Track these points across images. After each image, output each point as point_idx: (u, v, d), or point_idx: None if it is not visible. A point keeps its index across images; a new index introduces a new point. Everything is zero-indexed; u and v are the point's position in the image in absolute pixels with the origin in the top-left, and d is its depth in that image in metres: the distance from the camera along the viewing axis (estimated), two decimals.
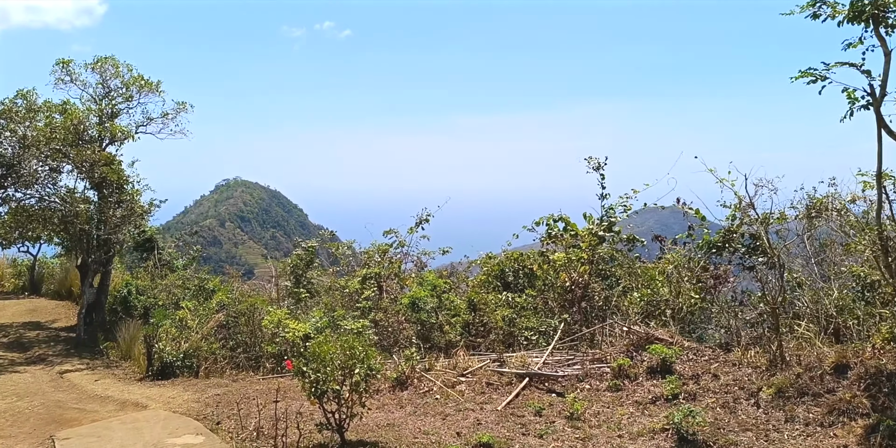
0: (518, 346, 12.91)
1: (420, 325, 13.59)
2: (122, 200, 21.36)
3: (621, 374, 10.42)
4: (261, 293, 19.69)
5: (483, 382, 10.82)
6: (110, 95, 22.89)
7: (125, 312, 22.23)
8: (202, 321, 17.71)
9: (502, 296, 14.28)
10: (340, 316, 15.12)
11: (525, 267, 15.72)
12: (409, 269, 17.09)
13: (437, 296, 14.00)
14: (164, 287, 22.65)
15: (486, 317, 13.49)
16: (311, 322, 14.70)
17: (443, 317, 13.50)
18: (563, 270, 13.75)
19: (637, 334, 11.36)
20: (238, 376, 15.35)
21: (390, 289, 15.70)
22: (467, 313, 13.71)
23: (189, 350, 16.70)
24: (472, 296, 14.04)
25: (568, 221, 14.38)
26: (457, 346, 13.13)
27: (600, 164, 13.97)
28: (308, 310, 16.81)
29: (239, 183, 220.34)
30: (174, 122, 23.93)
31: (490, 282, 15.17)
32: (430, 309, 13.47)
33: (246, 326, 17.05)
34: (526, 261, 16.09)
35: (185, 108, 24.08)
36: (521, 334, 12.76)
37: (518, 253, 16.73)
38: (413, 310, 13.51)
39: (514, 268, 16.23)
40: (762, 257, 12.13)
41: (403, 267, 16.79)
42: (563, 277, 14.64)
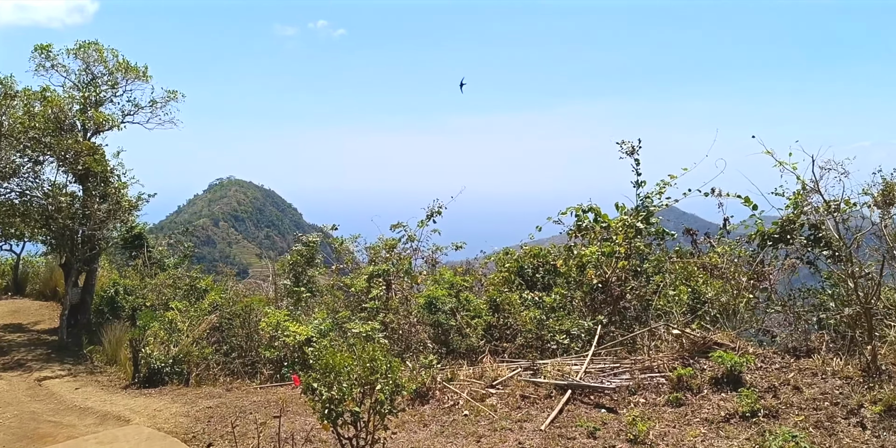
0: (548, 351, 11.34)
1: (436, 328, 12.01)
2: (107, 194, 19.72)
3: (681, 386, 8.83)
4: (257, 293, 18.09)
5: (517, 395, 9.22)
6: (94, 82, 21.28)
7: (112, 313, 20.70)
8: (193, 323, 16.10)
9: (527, 295, 12.71)
10: (346, 318, 13.54)
11: (547, 263, 14.17)
12: (418, 266, 15.51)
13: (455, 295, 12.42)
14: (154, 287, 21.02)
15: (512, 318, 11.91)
16: (314, 324, 13.11)
17: (462, 318, 11.92)
18: (594, 266, 12.21)
19: (690, 338, 9.79)
20: (233, 384, 13.74)
21: (400, 287, 14.11)
22: (489, 314, 12.13)
23: (179, 355, 15.11)
24: (493, 295, 12.47)
25: (599, 212, 12.82)
26: (478, 352, 11.55)
27: (634, 149, 12.44)
28: (309, 311, 15.21)
29: (233, 182, 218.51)
30: (163, 111, 22.38)
31: (512, 279, 13.59)
32: (448, 310, 11.89)
33: (241, 329, 15.43)
34: (547, 256, 14.53)
35: (175, 97, 22.54)
36: (553, 338, 11.18)
37: (538, 248, 15.17)
38: (429, 311, 11.91)
39: (533, 264, 14.66)
40: (826, 250, 10.63)
41: (413, 263, 15.19)
42: (589, 274, 13.10)
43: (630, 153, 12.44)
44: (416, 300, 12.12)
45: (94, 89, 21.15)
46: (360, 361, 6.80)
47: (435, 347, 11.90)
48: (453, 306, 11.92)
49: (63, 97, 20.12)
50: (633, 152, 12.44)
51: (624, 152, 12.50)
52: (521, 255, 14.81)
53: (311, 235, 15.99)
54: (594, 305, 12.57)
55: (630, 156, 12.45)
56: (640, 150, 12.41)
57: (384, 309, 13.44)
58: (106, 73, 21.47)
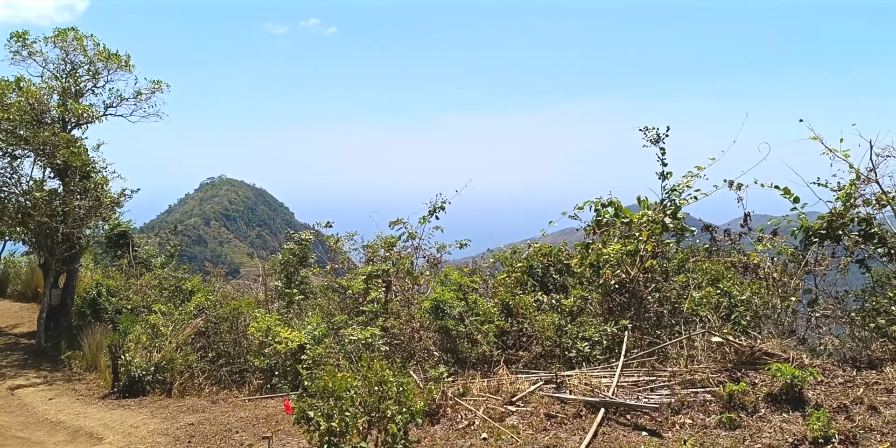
0: (566, 360, 10.10)
1: (443, 335, 10.72)
2: (87, 189, 18.34)
3: (733, 404, 7.57)
4: (246, 294, 16.77)
5: (541, 414, 7.94)
6: (74, 72, 19.91)
7: (94, 316, 19.35)
8: (178, 327, 14.80)
9: (543, 298, 11.43)
10: (342, 322, 12.24)
11: (559, 262, 12.92)
12: (419, 266, 14.23)
13: (464, 298, 11.15)
14: (138, 288, 19.67)
15: (527, 324, 10.64)
16: (307, 330, 11.82)
17: (471, 324, 10.65)
18: (615, 265, 10.97)
19: (735, 347, 8.56)
20: (218, 395, 12.43)
21: (402, 289, 12.83)
22: (501, 319, 10.86)
23: (161, 362, 13.82)
24: (504, 298, 11.19)
25: (620, 206, 11.56)
26: (490, 361, 10.29)
27: (659, 136, 11.19)
28: (302, 314, 13.91)
29: (224, 181, 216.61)
30: (148, 103, 21.02)
31: (524, 280, 12.31)
32: (456, 314, 10.60)
33: (228, 334, 14.12)
34: (559, 255, 13.29)
35: (160, 88, 21.21)
36: (573, 346, 9.92)
37: (547, 246, 13.92)
38: (436, 315, 10.62)
39: (543, 264, 13.41)
40: (881, 247, 9.42)
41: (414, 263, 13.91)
42: (606, 274, 11.86)
43: (655, 141, 11.20)
44: (421, 304, 10.81)
45: (74, 79, 19.81)
46: (367, 383, 5.52)
47: (441, 356, 10.63)
48: (462, 310, 10.64)
49: (40, 87, 18.76)
50: (658, 140, 11.19)
51: (648, 140, 11.25)
52: (530, 253, 13.56)
53: (304, 233, 14.68)
54: (612, 309, 11.34)
55: (655, 144, 11.21)
56: (666, 137, 11.17)
57: (384, 313, 12.16)
58: (86, 63, 20.10)
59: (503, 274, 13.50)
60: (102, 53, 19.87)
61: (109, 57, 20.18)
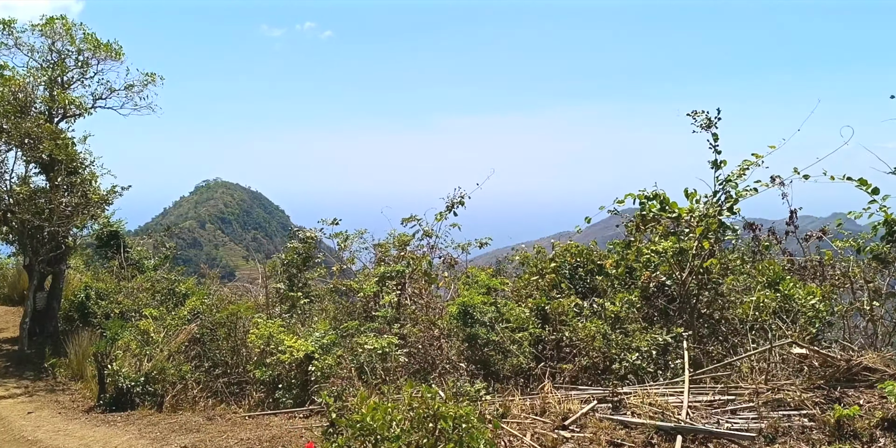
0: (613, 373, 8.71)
1: (470, 344, 9.28)
2: (73, 184, 16.87)
3: (842, 432, 6.18)
4: (245, 298, 15.32)
5: (603, 441, 6.54)
6: (62, 62, 18.49)
7: (82, 321, 17.93)
8: (170, 334, 13.35)
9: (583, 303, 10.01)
10: (353, 329, 10.82)
11: (591, 262, 11.53)
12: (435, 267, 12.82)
13: (494, 302, 9.73)
14: (129, 291, 18.21)
15: (568, 332, 9.21)
16: (314, 337, 10.41)
17: (503, 331, 9.23)
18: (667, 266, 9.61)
19: (823, 360, 7.19)
20: (215, 411, 10.96)
21: (419, 292, 11.43)
22: (536, 326, 9.45)
23: (152, 372, 12.39)
24: (539, 302, 9.76)
25: (667, 199, 10.18)
26: (527, 375, 8.89)
27: (711, 121, 9.84)
28: (307, 319, 12.47)
29: (219, 184, 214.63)
30: (140, 96, 19.62)
31: (558, 282, 10.87)
32: (487, 320, 9.16)
33: (226, 342, 12.67)
34: (591, 255, 11.89)
35: (153, 80, 19.78)
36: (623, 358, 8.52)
37: (574, 244, 12.54)
38: (464, 321, 9.18)
39: (572, 264, 12.02)
40: None
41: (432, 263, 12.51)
42: (645, 276, 10.51)
43: (706, 126, 9.85)
44: (446, 309, 9.35)
45: (61, 69, 18.39)
46: (415, 417, 4.11)
47: (468, 368, 9.22)
48: (493, 316, 9.21)
49: (24, 76, 17.34)
50: (709, 125, 9.84)
51: (698, 126, 9.91)
52: (557, 252, 12.16)
53: (309, 230, 13.26)
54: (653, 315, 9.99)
55: (706, 130, 9.86)
56: (718, 121, 9.82)
57: (400, 318, 10.75)
58: (74, 52, 18.69)
59: (527, 276, 12.09)
60: (92, 42, 18.46)
61: (99, 46, 18.79)
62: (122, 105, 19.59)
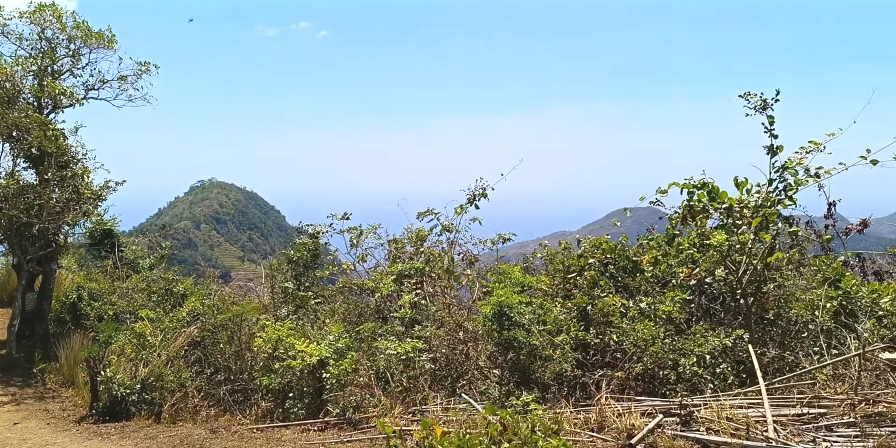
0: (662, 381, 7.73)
1: (505, 349, 8.26)
2: (64, 178, 15.83)
3: None
4: (248, 298, 14.29)
5: None
6: (52, 51, 17.48)
7: (74, 323, 16.89)
8: (168, 337, 12.33)
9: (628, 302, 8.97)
10: (368, 331, 9.82)
11: (626, 259, 10.54)
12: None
13: (530, 302, 8.71)
14: (124, 291, 17.17)
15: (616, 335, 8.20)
16: (327, 341, 9.42)
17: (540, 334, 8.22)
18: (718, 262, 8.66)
19: None
20: (218, 422, 9.95)
21: (443, 291, 10.43)
22: (578, 328, 8.45)
23: (149, 378, 11.38)
24: (580, 302, 8.75)
25: (716, 189, 9.19)
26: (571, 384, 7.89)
27: (766, 103, 8.90)
28: (316, 321, 11.45)
29: (214, 184, 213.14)
30: (134, 87, 18.58)
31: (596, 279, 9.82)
32: (527, 323, 8.13)
33: (229, 345, 11.65)
34: (623, 251, 10.90)
35: (147, 69, 18.70)
36: (678, 364, 7.53)
37: (603, 239, 11.56)
38: (500, 324, 8.16)
39: (601, 261, 11.03)
40: None
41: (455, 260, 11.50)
42: (685, 273, 9.55)
43: (762, 108, 8.89)
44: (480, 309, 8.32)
45: (52, 59, 17.37)
46: None
47: (502, 375, 8.21)
48: (532, 318, 8.21)
49: (11, 65, 16.33)
50: (765, 107, 8.89)
51: (752, 108, 8.96)
52: (586, 248, 11.17)
53: (320, 225, 12.21)
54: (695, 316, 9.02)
55: (761, 112, 8.91)
56: (775, 103, 8.87)
57: (420, 320, 9.75)
58: (65, 40, 17.66)
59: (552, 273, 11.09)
60: (83, 30, 17.45)
61: (91, 34, 17.77)
62: (116, 96, 18.58)
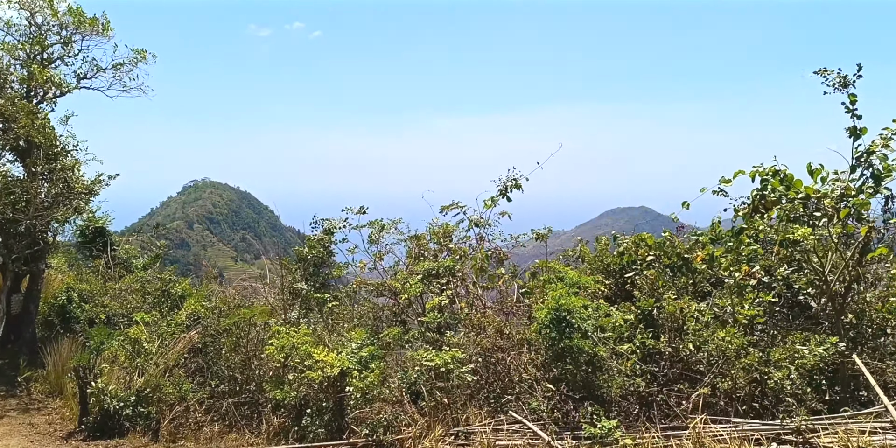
0: (749, 399, 6.57)
1: (562, 359, 7.03)
2: (53, 170, 14.57)
3: None
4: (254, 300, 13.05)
5: None
6: (42, 38, 16.32)
7: (64, 326, 15.70)
8: (166, 344, 11.11)
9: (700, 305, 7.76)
10: (396, 337, 8.64)
11: (676, 255, 9.39)
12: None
13: (588, 305, 7.51)
14: (117, 292, 15.95)
15: (698, 343, 6.96)
16: (349, 350, 8.25)
17: (602, 342, 7.01)
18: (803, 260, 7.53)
19: None
20: (225, 441, 8.74)
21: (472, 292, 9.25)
22: (645, 335, 7.25)
23: (144, 389, 10.15)
24: (645, 305, 7.54)
25: (790, 177, 8.03)
26: (644, 402, 6.72)
27: (846, 80, 7.80)
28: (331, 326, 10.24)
29: (208, 184, 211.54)
30: (129, 76, 17.43)
31: (658, 278, 8.58)
32: (590, 329, 6.88)
33: (235, 353, 10.44)
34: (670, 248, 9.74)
35: (143, 58, 17.55)
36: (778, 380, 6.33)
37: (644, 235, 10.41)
38: (559, 330, 6.91)
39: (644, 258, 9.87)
40: None
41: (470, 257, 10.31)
42: (744, 271, 8.41)
43: (842, 86, 7.79)
44: (535, 313, 7.10)
45: (42, 46, 16.20)
46: None
47: (559, 390, 7.04)
48: (595, 324, 6.98)
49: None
50: (845, 84, 7.79)
51: (831, 85, 7.86)
52: (628, 245, 10.01)
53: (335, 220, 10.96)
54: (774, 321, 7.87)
55: (841, 90, 7.81)
56: (857, 80, 7.76)
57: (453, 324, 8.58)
58: (56, 24, 16.50)
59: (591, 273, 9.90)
60: (76, 16, 16.28)
61: (84, 20, 16.61)
62: (110, 86, 17.45)
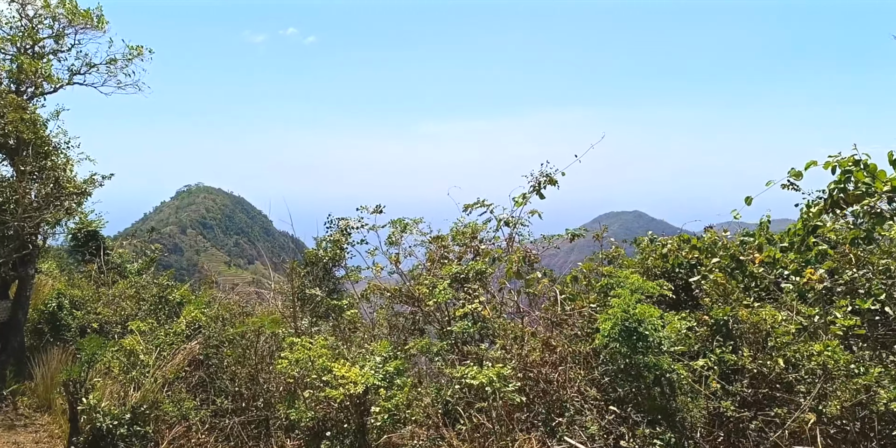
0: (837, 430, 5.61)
1: (629, 375, 5.99)
2: (42, 168, 13.54)
3: None
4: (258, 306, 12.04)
5: None
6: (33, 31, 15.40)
7: (54, 334, 14.69)
8: (164, 355, 10.09)
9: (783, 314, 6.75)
10: (425, 348, 7.65)
11: (730, 256, 8.44)
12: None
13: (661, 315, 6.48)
14: (110, 299, 14.96)
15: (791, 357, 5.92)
16: (373, 364, 7.27)
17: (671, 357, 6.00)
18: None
19: None
20: None
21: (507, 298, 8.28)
22: (725, 349, 6.17)
23: (141, 406, 9.12)
24: (719, 314, 6.50)
25: (873, 168, 7.09)
26: (735, 427, 5.72)
27: None
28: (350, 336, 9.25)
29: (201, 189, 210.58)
30: (124, 72, 16.52)
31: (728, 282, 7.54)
32: (666, 343, 5.87)
33: (241, 366, 9.42)
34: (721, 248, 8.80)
35: (140, 53, 16.67)
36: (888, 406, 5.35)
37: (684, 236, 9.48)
38: (630, 344, 5.86)
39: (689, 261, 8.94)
40: None
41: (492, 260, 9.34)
42: (808, 274, 7.49)
43: None
44: (601, 324, 6.09)
45: (33, 40, 15.29)
46: None
47: (625, 412, 6.05)
48: (666, 336, 5.96)
49: None
50: None
51: None
52: (671, 248, 9.07)
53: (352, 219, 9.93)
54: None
55: None
56: None
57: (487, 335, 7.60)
58: (48, 17, 15.58)
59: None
60: (69, 8, 15.37)
61: (77, 13, 15.71)
62: (104, 82, 16.52)
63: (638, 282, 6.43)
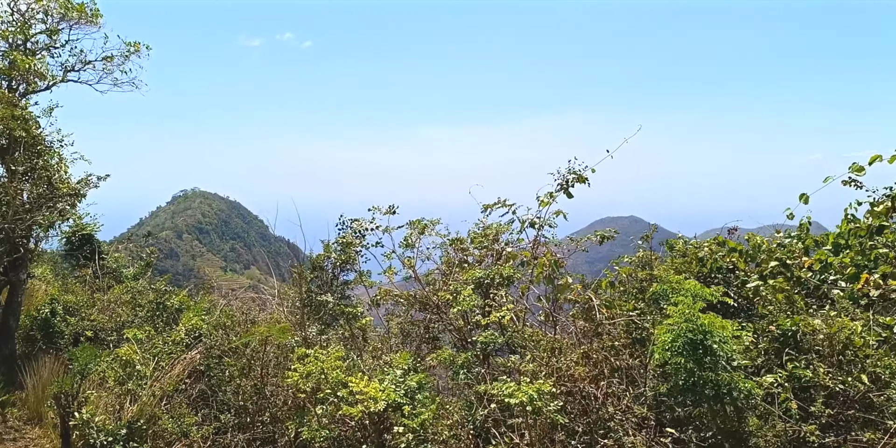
0: None
1: (694, 394, 5.27)
2: (34, 168, 12.86)
3: None
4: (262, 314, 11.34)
5: None
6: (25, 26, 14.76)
7: (46, 342, 13.99)
8: (162, 365, 9.39)
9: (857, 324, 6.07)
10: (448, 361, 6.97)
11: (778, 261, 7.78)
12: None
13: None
14: (106, 305, 14.27)
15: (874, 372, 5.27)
16: (392, 377, 6.59)
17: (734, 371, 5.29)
18: None
19: None
20: None
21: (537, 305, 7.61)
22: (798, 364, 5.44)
23: (138, 421, 8.42)
24: (786, 324, 5.77)
25: None
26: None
27: None
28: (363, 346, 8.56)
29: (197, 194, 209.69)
30: (121, 69, 15.88)
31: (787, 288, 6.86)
32: (736, 357, 5.15)
33: (244, 378, 8.72)
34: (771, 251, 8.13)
35: (137, 50, 16.02)
36: None
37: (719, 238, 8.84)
38: (696, 359, 5.12)
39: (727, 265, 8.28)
40: None
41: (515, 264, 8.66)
42: (865, 280, 6.86)
43: None
44: (660, 336, 5.39)
45: (25, 35, 14.64)
46: None
47: (677, 435, 5.38)
48: (737, 350, 5.26)
49: None
50: None
51: None
52: (709, 251, 8.42)
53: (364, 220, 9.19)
54: None
55: None
56: None
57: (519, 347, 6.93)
58: (40, 11, 14.92)
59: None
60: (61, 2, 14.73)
61: (71, 7, 15.07)
62: (99, 79, 15.88)
63: (696, 288, 5.75)
